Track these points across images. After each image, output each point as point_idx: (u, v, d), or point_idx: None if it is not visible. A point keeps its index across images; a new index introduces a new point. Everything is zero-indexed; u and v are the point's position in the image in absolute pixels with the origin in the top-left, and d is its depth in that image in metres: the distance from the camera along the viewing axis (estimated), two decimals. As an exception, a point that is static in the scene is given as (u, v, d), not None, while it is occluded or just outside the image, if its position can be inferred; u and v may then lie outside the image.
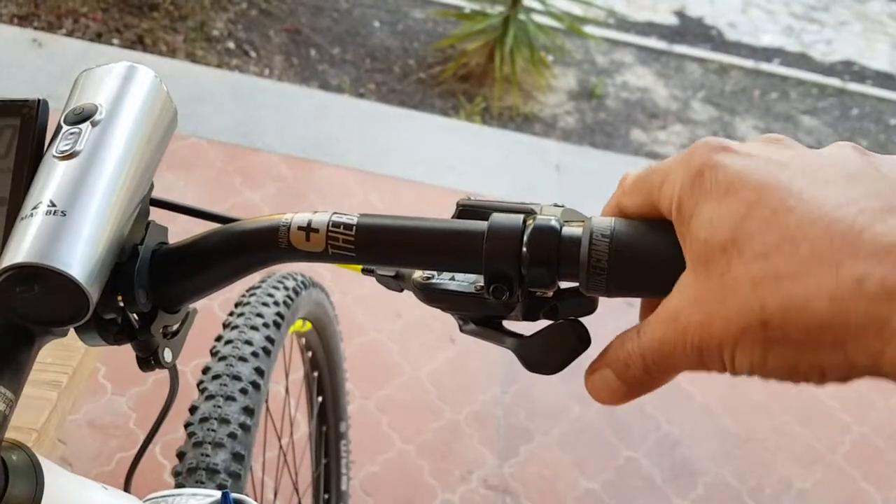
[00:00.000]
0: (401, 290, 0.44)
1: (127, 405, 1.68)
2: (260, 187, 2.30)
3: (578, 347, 0.37)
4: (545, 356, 0.37)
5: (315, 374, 1.20)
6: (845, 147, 0.32)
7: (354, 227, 0.38)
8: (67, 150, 0.39)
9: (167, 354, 0.44)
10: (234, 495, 0.58)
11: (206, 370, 0.88)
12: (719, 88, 3.65)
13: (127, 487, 0.58)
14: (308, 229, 0.39)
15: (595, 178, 2.70)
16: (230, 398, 0.84)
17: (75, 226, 0.37)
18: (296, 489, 1.13)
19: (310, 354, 1.19)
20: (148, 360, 0.43)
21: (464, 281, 0.39)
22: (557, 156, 2.79)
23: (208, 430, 0.81)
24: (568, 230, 0.35)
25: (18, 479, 0.37)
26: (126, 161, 0.41)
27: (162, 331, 0.43)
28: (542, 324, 0.39)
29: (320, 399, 1.23)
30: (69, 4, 3.04)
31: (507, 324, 0.40)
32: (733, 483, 1.80)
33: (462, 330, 0.41)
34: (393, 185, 2.43)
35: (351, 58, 3.26)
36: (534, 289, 0.36)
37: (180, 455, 0.80)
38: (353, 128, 2.66)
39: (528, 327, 0.38)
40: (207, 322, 0.48)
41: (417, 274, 0.40)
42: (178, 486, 0.77)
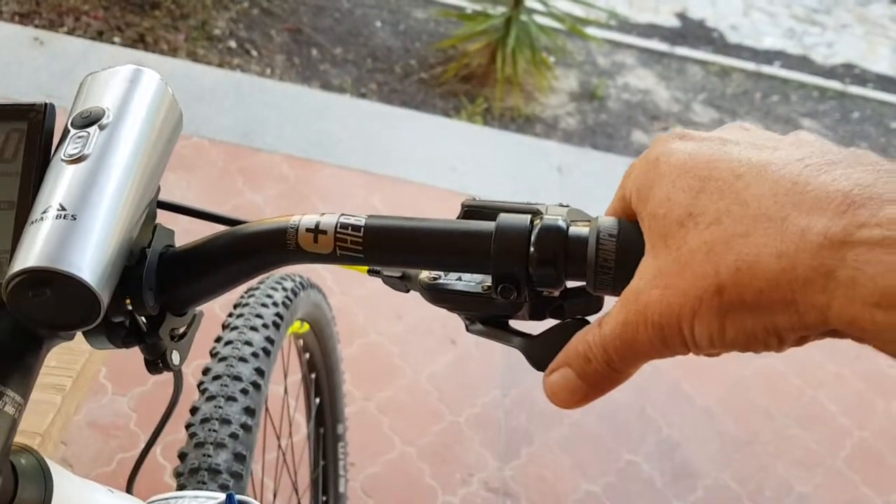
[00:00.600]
0: (407, 291, 0.44)
1: (128, 405, 1.68)
2: (261, 187, 2.30)
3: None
4: (553, 355, 0.37)
5: (313, 376, 1.20)
6: (802, 132, 0.33)
7: (363, 229, 0.38)
8: (76, 154, 0.39)
9: (175, 357, 0.44)
10: (239, 497, 0.58)
11: (206, 371, 0.88)
12: (721, 91, 3.65)
13: (129, 489, 0.59)
14: (316, 231, 0.39)
15: (596, 180, 2.70)
16: (231, 399, 0.84)
17: (85, 229, 0.37)
18: (295, 490, 1.13)
19: (307, 356, 1.18)
20: (156, 362, 0.43)
21: (471, 281, 0.39)
22: (559, 157, 2.79)
23: (210, 430, 0.81)
24: (575, 230, 0.35)
25: (28, 482, 0.37)
26: (134, 164, 0.41)
27: (170, 333, 0.44)
28: (549, 323, 0.39)
29: (318, 401, 1.23)
30: (70, 2, 3.04)
31: (513, 323, 0.40)
32: (733, 486, 1.80)
33: (469, 330, 0.41)
34: (394, 186, 2.43)
35: (352, 58, 3.26)
36: (541, 288, 0.37)
37: (182, 456, 0.80)
38: (355, 128, 2.66)
39: (534, 327, 0.38)
40: (207, 323, 0.48)
41: (424, 274, 0.40)
42: (180, 487, 0.77)
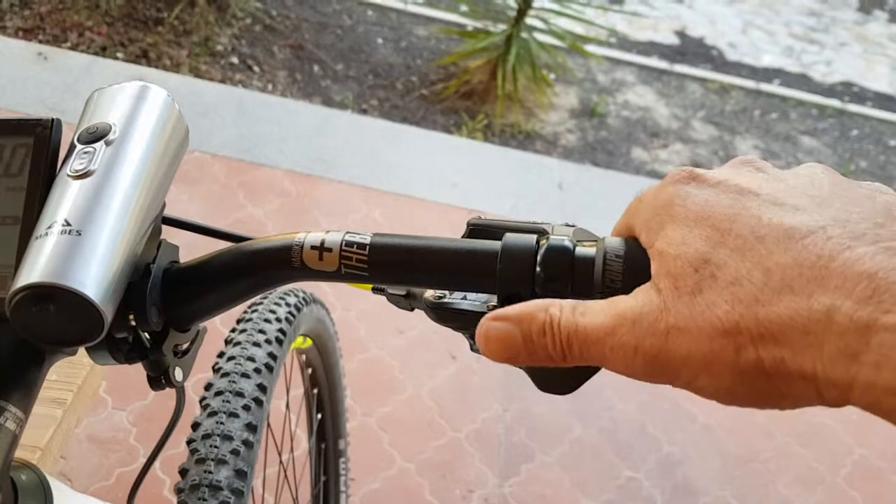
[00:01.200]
0: (412, 310, 0.44)
1: (127, 420, 1.67)
2: (263, 202, 2.30)
3: (591, 368, 0.37)
4: (557, 376, 0.36)
5: (315, 391, 1.20)
6: (815, 168, 0.32)
7: (368, 247, 0.38)
8: (82, 170, 0.39)
9: (178, 373, 0.44)
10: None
11: (208, 386, 0.87)
12: (720, 108, 3.66)
13: (130, 505, 0.58)
14: (321, 248, 0.39)
15: (597, 197, 2.71)
16: (233, 414, 0.83)
17: (90, 245, 0.37)
18: (296, 506, 1.12)
19: (310, 371, 1.18)
20: (158, 379, 0.43)
21: (476, 300, 0.39)
22: (559, 173, 2.80)
23: (211, 446, 0.80)
24: (581, 250, 0.35)
25: (28, 498, 0.37)
26: (140, 180, 0.41)
27: (173, 350, 0.43)
28: None
29: (319, 416, 1.23)
30: (74, 18, 3.05)
31: None
32: (734, 504, 1.79)
33: (473, 349, 0.41)
34: (395, 201, 2.43)
35: (354, 74, 3.27)
36: None
37: (182, 472, 0.80)
38: (356, 143, 2.66)
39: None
40: (210, 338, 0.48)
41: (429, 293, 0.40)
42: (181, 503, 0.77)
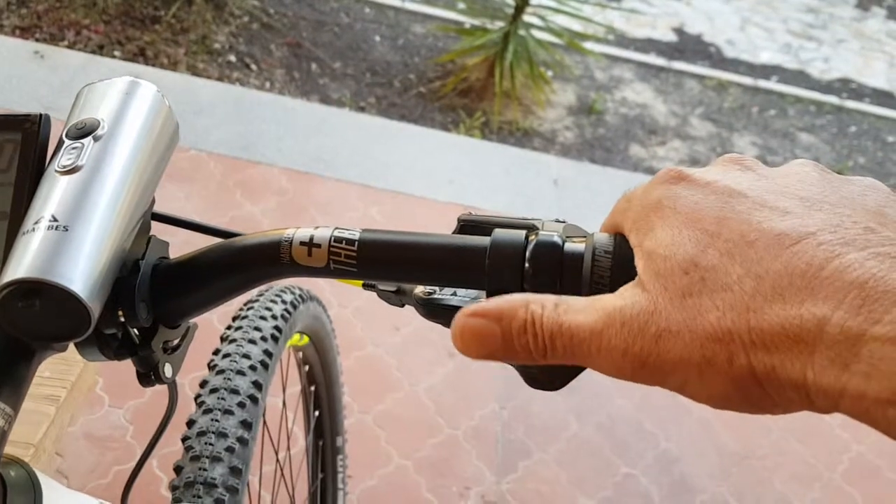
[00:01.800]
0: (402, 306, 0.44)
1: (124, 418, 1.67)
2: (260, 200, 2.30)
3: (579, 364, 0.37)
4: (547, 373, 0.36)
5: (312, 389, 1.20)
6: (805, 166, 0.32)
7: (356, 243, 0.38)
8: (69, 165, 0.39)
9: (167, 370, 0.44)
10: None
11: (203, 384, 0.87)
12: (718, 105, 3.66)
13: (124, 502, 0.58)
14: (310, 244, 0.39)
15: (594, 194, 2.71)
16: (228, 412, 0.83)
17: (77, 241, 0.37)
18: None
19: (307, 368, 1.18)
20: (148, 375, 0.43)
21: (465, 296, 0.39)
22: (556, 170, 2.80)
23: (206, 444, 0.80)
24: (570, 246, 0.35)
25: (17, 495, 0.37)
26: (128, 176, 0.41)
27: (162, 346, 0.43)
28: None
29: (317, 413, 1.23)
30: (71, 16, 3.05)
31: None
32: (731, 501, 1.79)
33: None
34: (393, 199, 2.43)
35: (352, 72, 3.27)
36: None
37: (177, 469, 0.80)
38: (354, 141, 2.66)
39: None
40: (205, 335, 0.48)
41: (419, 289, 0.40)
42: (175, 500, 0.77)
